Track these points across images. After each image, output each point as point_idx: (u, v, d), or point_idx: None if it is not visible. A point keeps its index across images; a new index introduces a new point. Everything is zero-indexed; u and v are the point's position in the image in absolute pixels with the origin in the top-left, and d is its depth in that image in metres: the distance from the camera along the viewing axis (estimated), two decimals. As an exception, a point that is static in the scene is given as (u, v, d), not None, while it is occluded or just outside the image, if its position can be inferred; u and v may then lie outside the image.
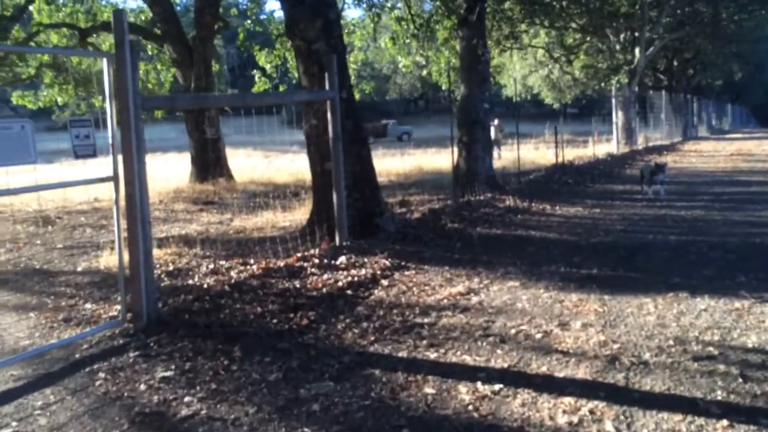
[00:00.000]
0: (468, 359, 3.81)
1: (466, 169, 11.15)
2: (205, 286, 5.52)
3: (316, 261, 6.08)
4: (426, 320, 4.55)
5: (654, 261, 6.04)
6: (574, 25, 23.14)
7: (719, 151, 21.39)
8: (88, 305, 5.40)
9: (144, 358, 4.03)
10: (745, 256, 6.05)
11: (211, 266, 6.38)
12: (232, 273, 5.96)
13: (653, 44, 23.57)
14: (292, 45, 7.56)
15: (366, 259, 6.25)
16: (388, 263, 6.11)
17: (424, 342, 4.12)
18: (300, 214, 9.88)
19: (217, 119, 17.27)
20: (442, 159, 19.34)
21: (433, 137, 37.65)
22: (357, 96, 22.45)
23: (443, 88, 22.59)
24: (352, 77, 21.76)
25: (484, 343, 4.04)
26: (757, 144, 24.50)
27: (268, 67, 19.02)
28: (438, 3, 14.41)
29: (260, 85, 19.97)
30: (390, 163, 21.75)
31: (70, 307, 5.39)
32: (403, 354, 3.95)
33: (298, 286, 5.34)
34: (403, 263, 6.19)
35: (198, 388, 3.56)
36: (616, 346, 3.87)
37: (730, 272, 5.45)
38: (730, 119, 52.31)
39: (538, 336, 4.13)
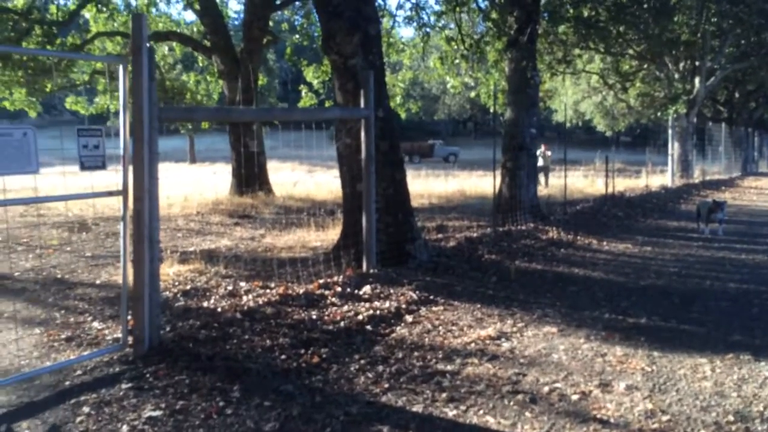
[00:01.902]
0: (491, 421, 3.33)
1: (509, 197, 10.64)
2: (219, 310, 5.18)
3: (339, 289, 5.68)
4: (449, 367, 4.08)
5: (711, 312, 5.43)
6: (631, 51, 22.38)
7: (782, 189, 20.22)
8: (95, 324, 5.12)
9: (136, 391, 3.69)
10: (816, 313, 5.38)
11: (230, 287, 6.06)
12: (250, 297, 5.61)
13: (714, 75, 22.58)
14: (328, 59, 7.26)
15: (392, 290, 5.82)
16: (415, 296, 5.67)
17: (444, 395, 3.65)
18: (332, 235, 9.53)
19: (260, 132, 17.19)
20: (486, 183, 18.81)
21: (479, 160, 37.04)
22: (403, 115, 22.27)
23: (491, 110, 22.12)
24: (399, 96, 21.62)
25: (512, 402, 3.55)
26: (823, 183, 23.15)
27: (315, 82, 18.95)
28: (489, 23, 14.02)
29: (306, 100, 19.91)
30: (433, 185, 21.32)
31: (77, 324, 5.12)
32: (418, 408, 3.49)
33: (314, 317, 4.94)
34: (431, 297, 5.73)
35: (184, 433, 3.18)
36: (665, 418, 3.33)
37: (800, 332, 4.82)
38: (793, 155, 49.97)
39: (575, 397, 3.62)
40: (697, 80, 21.75)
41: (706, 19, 19.23)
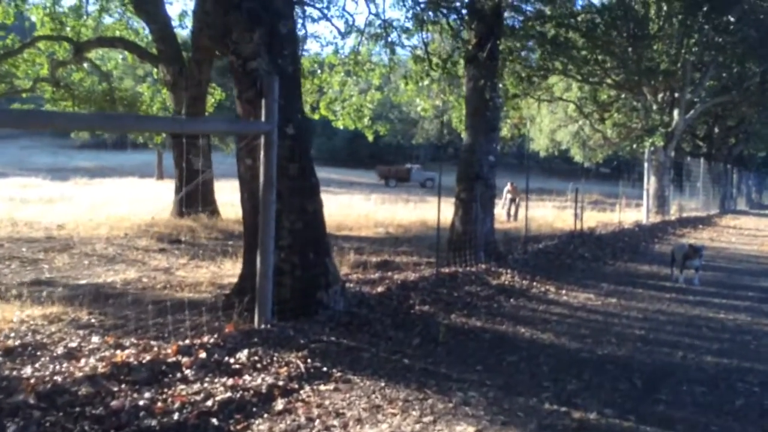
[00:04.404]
0: None
1: (462, 232, 9.40)
2: (23, 386, 3.81)
3: (203, 355, 4.34)
4: (297, 502, 2.76)
5: (683, 404, 4.16)
6: (609, 80, 21.50)
7: (762, 230, 19.26)
8: None
9: None
10: (818, 408, 4.14)
11: (74, 344, 4.70)
12: (91, 360, 4.25)
13: (694, 107, 21.74)
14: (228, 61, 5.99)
15: (277, 357, 4.50)
16: (302, 367, 4.34)
17: None
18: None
19: (207, 150, 15.86)
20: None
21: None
22: (371, 137, 21.08)
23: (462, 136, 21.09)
24: (367, 117, 20.45)
25: None
26: (803, 224, 22.29)
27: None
28: (459, 43, 12.92)
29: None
30: (396, 211, 20.11)
31: None
32: None
33: (143, 402, 3.59)
34: (324, 368, 4.41)
35: None
36: None
37: (801, 444, 3.57)
38: (771, 193, 49.76)
39: None
40: (675, 112, 20.87)
41: (687, 48, 18.37)
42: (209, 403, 3.67)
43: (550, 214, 19.00)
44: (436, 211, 19.44)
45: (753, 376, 4.74)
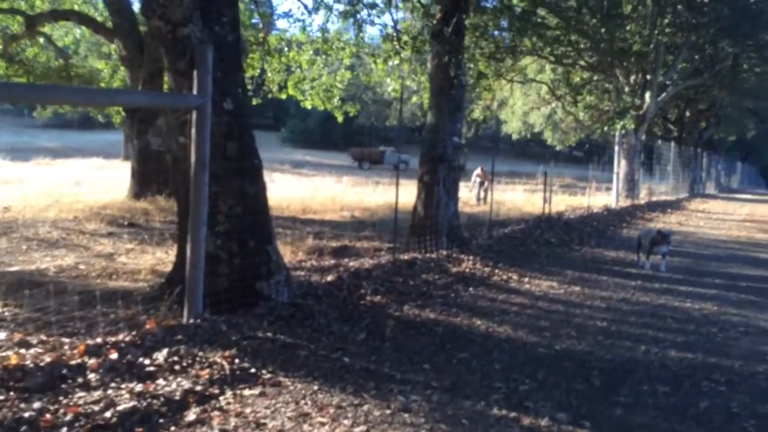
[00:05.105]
0: None
1: (424, 216, 9.00)
2: None
3: (114, 356, 3.87)
4: None
5: (643, 407, 3.81)
6: (582, 62, 21.14)
7: (730, 214, 19.21)
8: None
9: None
10: (788, 411, 3.83)
11: (-25, 342, 4.20)
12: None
13: (666, 90, 21.54)
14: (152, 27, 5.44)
15: (201, 356, 4.05)
16: (227, 369, 3.90)
17: None
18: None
19: (166, 128, 15.19)
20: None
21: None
22: (340, 118, 20.53)
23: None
24: (336, 97, 19.85)
25: None
26: (771, 208, 22.36)
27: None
28: (428, 21, 12.42)
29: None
30: (365, 194, 19.67)
31: None
32: None
33: (28, 415, 3.11)
34: (253, 370, 3.97)
35: None
36: None
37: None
38: (739, 178, 50.41)
39: None
40: (647, 95, 20.65)
41: (660, 29, 18.07)
42: (108, 414, 3.21)
43: (519, 197, 18.70)
44: (407, 194, 19.12)
45: (719, 374, 4.41)
